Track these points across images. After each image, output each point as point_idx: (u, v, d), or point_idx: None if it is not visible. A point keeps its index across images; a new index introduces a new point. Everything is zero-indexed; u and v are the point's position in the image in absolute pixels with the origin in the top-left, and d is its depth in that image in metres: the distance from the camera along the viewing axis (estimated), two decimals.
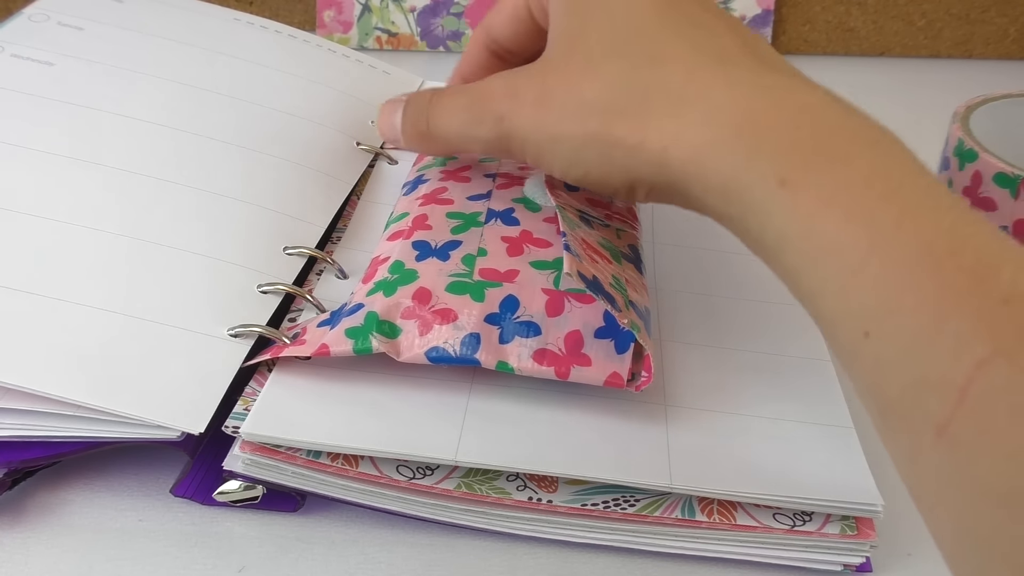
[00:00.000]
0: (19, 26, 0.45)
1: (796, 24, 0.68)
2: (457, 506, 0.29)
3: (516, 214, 0.34)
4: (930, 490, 0.22)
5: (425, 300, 0.31)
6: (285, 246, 0.36)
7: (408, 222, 0.35)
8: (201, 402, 0.29)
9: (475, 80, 0.33)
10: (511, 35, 0.35)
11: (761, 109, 0.25)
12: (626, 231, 0.36)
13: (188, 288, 0.33)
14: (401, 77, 0.53)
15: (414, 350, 0.30)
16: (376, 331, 0.30)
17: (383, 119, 0.35)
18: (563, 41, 0.30)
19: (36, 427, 0.29)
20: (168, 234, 0.35)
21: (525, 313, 0.30)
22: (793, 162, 0.24)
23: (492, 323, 0.30)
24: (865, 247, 0.22)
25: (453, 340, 0.30)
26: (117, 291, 0.32)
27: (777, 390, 0.33)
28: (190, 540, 0.30)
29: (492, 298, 0.31)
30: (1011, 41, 0.69)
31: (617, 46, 0.29)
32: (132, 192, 0.37)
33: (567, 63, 0.30)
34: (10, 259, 0.32)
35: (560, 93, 0.29)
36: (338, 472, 0.29)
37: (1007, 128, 0.46)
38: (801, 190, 0.24)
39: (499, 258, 0.32)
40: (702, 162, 0.26)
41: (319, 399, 0.30)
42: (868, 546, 0.29)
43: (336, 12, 0.67)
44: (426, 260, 0.32)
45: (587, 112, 0.28)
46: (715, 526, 0.29)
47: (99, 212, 0.35)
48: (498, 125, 0.31)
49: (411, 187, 0.38)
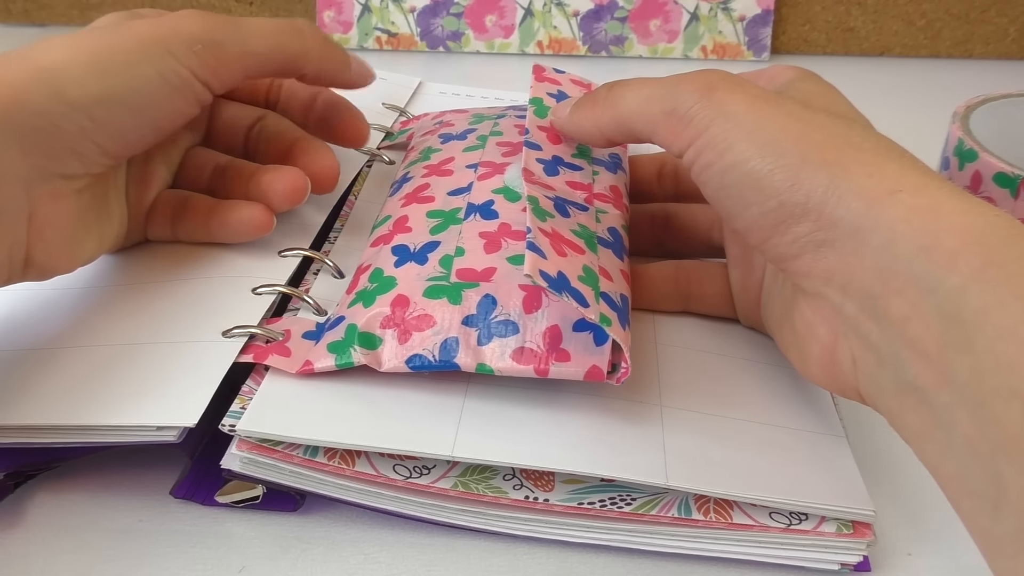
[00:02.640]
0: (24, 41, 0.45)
1: (796, 24, 0.68)
2: (454, 506, 0.30)
3: (495, 206, 0.34)
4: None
5: (403, 307, 0.31)
6: (280, 248, 0.36)
7: (389, 226, 0.35)
8: (194, 396, 0.29)
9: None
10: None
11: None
12: (607, 212, 0.35)
13: (183, 300, 0.33)
14: (399, 80, 0.53)
15: (394, 360, 0.30)
16: (357, 343, 0.30)
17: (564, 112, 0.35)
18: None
19: (36, 435, 0.29)
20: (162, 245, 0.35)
21: (503, 312, 0.30)
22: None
23: (470, 325, 0.30)
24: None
25: (432, 346, 0.30)
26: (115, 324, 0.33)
27: (770, 397, 0.33)
28: (190, 540, 0.30)
29: (469, 300, 0.30)
30: (1011, 41, 0.69)
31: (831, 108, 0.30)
32: None
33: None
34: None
35: (790, 103, 0.29)
36: (335, 471, 0.29)
37: (1007, 128, 0.46)
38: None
39: (476, 256, 0.32)
40: (931, 223, 0.24)
41: (315, 396, 0.30)
42: (865, 545, 0.29)
43: (336, 12, 0.67)
44: (404, 265, 0.32)
45: (812, 124, 0.27)
46: (711, 525, 0.29)
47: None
48: (706, 94, 0.29)
49: (396, 187, 0.38)
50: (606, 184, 0.37)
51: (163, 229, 0.36)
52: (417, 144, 0.42)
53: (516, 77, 0.65)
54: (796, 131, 0.27)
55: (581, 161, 0.37)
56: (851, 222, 0.25)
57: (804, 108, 0.28)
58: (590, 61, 0.67)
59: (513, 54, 0.68)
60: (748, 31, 0.67)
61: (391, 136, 0.47)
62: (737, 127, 0.28)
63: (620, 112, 0.32)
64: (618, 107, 0.32)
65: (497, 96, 0.54)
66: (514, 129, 0.40)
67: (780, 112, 0.28)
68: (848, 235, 0.26)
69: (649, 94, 0.31)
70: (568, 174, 0.35)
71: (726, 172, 0.28)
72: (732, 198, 0.28)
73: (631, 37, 0.67)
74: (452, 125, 0.42)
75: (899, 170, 0.26)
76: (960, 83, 0.64)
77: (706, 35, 0.67)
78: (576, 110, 0.34)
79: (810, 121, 0.28)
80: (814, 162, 0.26)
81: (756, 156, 0.27)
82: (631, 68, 0.66)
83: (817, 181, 0.26)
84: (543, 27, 0.67)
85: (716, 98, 0.29)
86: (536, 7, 0.67)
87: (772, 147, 0.27)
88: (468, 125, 0.41)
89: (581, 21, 0.67)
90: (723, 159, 0.28)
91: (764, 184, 0.27)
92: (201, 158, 0.38)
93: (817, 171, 0.26)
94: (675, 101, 0.29)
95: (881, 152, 0.27)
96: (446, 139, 0.40)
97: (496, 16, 0.67)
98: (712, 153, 0.28)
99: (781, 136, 0.27)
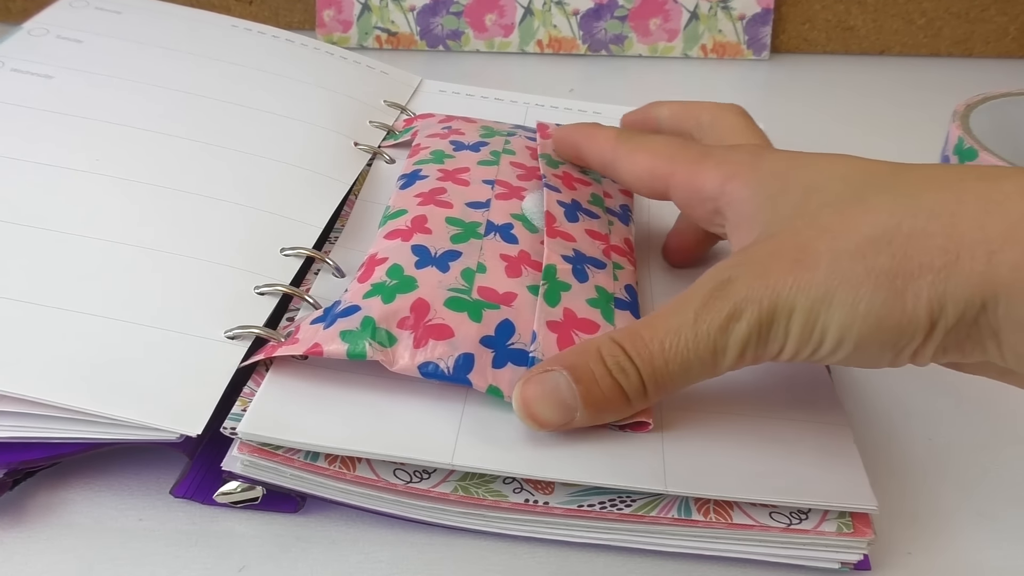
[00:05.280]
0: (19, 41, 0.45)
1: (796, 23, 0.68)
2: (455, 509, 0.30)
3: (515, 231, 0.34)
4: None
5: (423, 312, 0.31)
6: (282, 247, 0.36)
7: (407, 221, 0.35)
8: (198, 404, 0.29)
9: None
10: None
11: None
12: (623, 268, 0.36)
13: (186, 293, 0.33)
14: (399, 77, 0.53)
15: (408, 362, 0.30)
16: (372, 338, 0.30)
17: (538, 408, 0.28)
18: (784, 212, 0.27)
19: (36, 428, 0.29)
20: (166, 240, 0.35)
21: (519, 340, 0.31)
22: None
23: (487, 346, 0.30)
24: None
25: (447, 358, 0.30)
26: (116, 298, 0.32)
27: (771, 387, 0.33)
28: (190, 540, 0.30)
29: (489, 320, 0.31)
30: (1011, 39, 0.69)
31: (867, 187, 0.26)
32: (131, 200, 0.37)
33: (813, 220, 0.26)
34: (10, 270, 0.33)
35: (824, 243, 0.25)
36: (335, 475, 0.29)
37: (1007, 126, 0.46)
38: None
39: (498, 277, 0.32)
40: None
41: (315, 400, 0.30)
42: (865, 543, 0.29)
43: (336, 11, 0.67)
44: (425, 268, 0.32)
45: (872, 249, 0.25)
46: (712, 525, 0.29)
47: (98, 222, 0.35)
48: (758, 312, 0.26)
49: (407, 181, 0.38)
50: (621, 236, 0.37)
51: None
52: (425, 143, 0.42)
53: (516, 76, 0.65)
54: (864, 274, 0.25)
55: (597, 209, 0.38)
56: (974, 307, 0.24)
57: (834, 233, 0.26)
58: (590, 60, 0.67)
59: (513, 53, 0.68)
60: (748, 30, 0.67)
61: (393, 135, 0.47)
62: (813, 312, 0.25)
63: (674, 392, 0.28)
64: (672, 391, 0.28)
65: (497, 96, 0.54)
66: (526, 151, 0.41)
67: (828, 261, 0.25)
68: (980, 314, 0.24)
69: (700, 363, 0.27)
70: (587, 222, 0.36)
71: (836, 351, 0.26)
72: (857, 360, 0.26)
73: (631, 36, 0.67)
74: (463, 134, 0.42)
75: (978, 229, 0.24)
76: (960, 82, 0.64)
77: (706, 34, 0.67)
78: (594, 414, 0.28)
79: (858, 249, 0.25)
80: (908, 288, 0.24)
81: (855, 323, 0.25)
82: (631, 67, 0.66)
83: (925, 299, 0.24)
84: (543, 26, 0.67)
85: (768, 306, 0.26)
86: (536, 6, 0.67)
87: (860, 305, 0.25)
88: (479, 137, 0.42)
89: (581, 20, 0.67)
90: (825, 345, 0.26)
91: (881, 335, 0.25)
92: None
93: (919, 294, 0.24)
94: (737, 347, 0.26)
95: (942, 226, 0.24)
96: (458, 147, 0.41)
97: (496, 15, 0.67)
98: (810, 347, 0.26)
99: (856, 289, 0.25)
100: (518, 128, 0.44)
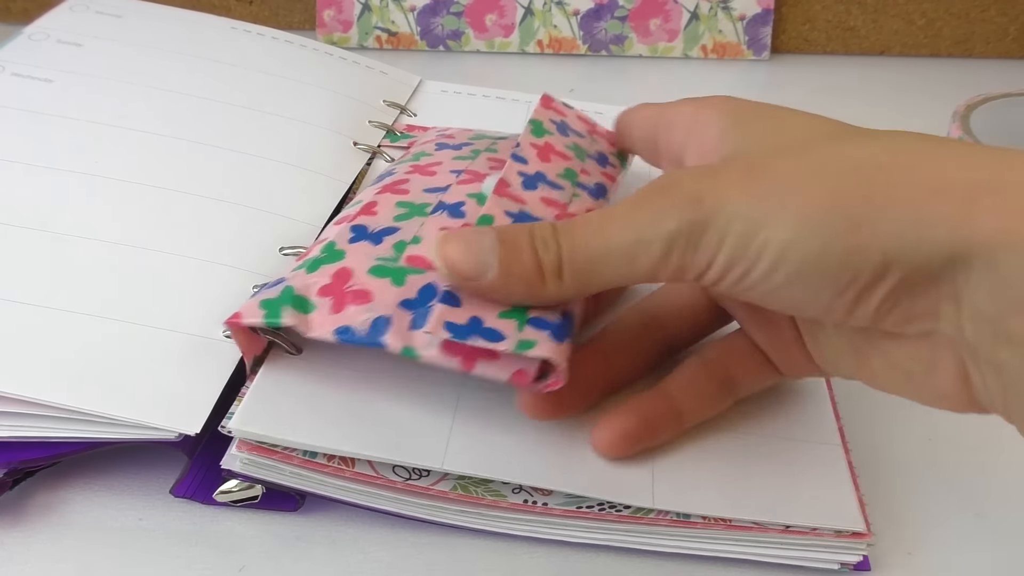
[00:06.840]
0: (19, 45, 0.45)
1: (796, 23, 0.68)
2: (454, 507, 0.30)
3: (465, 207, 0.33)
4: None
5: (345, 279, 0.30)
6: (281, 247, 0.37)
7: (357, 208, 0.34)
8: (197, 403, 0.29)
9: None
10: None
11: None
12: None
13: (185, 292, 0.33)
14: (399, 77, 0.53)
15: (324, 327, 0.29)
16: (289, 304, 0.29)
17: (454, 252, 0.27)
18: (753, 140, 0.26)
19: (35, 428, 0.29)
20: (165, 241, 0.35)
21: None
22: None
23: (407, 308, 0.29)
24: None
25: (363, 321, 0.29)
26: (115, 299, 0.33)
27: (763, 405, 0.33)
28: (190, 540, 0.30)
29: (412, 284, 0.29)
30: (1011, 40, 0.69)
31: (845, 131, 0.25)
32: (130, 202, 0.37)
33: (779, 145, 0.25)
34: (10, 272, 0.33)
35: (785, 161, 0.24)
36: (335, 472, 0.29)
37: (1007, 127, 0.46)
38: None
39: (431, 246, 0.30)
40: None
41: (308, 397, 0.30)
42: (864, 544, 0.29)
43: (336, 11, 0.67)
44: (358, 243, 0.31)
45: (836, 172, 0.23)
46: (710, 526, 0.29)
47: (98, 223, 0.36)
48: (693, 210, 0.24)
49: (379, 178, 0.38)
50: (583, 207, 0.34)
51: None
52: (415, 149, 0.42)
53: (516, 76, 0.65)
54: (821, 190, 0.23)
55: (564, 182, 0.35)
56: (940, 256, 0.22)
57: (797, 153, 0.24)
58: (590, 60, 0.67)
59: (513, 53, 0.68)
60: (748, 30, 0.67)
61: (393, 136, 0.47)
62: (755, 222, 0.23)
63: (591, 284, 0.26)
64: (588, 280, 0.26)
65: (498, 95, 0.54)
66: (511, 150, 0.39)
67: (785, 174, 0.24)
68: (943, 269, 0.22)
69: (621, 250, 0.25)
70: (546, 191, 0.34)
71: (771, 275, 0.24)
72: (791, 296, 0.24)
73: (631, 36, 0.67)
74: (452, 137, 0.42)
75: (958, 169, 0.22)
76: (960, 82, 0.64)
77: (706, 34, 0.67)
78: (518, 279, 0.27)
79: (822, 167, 0.23)
80: (868, 214, 0.22)
81: (799, 241, 0.23)
82: (631, 67, 0.66)
83: (883, 233, 0.22)
84: (543, 26, 0.67)
85: (707, 207, 0.24)
86: (536, 6, 0.67)
87: (810, 221, 0.23)
88: (466, 140, 0.41)
89: (581, 20, 0.67)
90: (761, 264, 0.24)
91: (826, 263, 0.23)
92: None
93: (877, 223, 0.22)
94: (662, 242, 0.24)
95: (919, 161, 0.23)
96: (441, 147, 0.40)
97: (496, 15, 0.67)
98: (743, 265, 0.24)
99: (810, 203, 0.23)
100: (516, 136, 0.44)
